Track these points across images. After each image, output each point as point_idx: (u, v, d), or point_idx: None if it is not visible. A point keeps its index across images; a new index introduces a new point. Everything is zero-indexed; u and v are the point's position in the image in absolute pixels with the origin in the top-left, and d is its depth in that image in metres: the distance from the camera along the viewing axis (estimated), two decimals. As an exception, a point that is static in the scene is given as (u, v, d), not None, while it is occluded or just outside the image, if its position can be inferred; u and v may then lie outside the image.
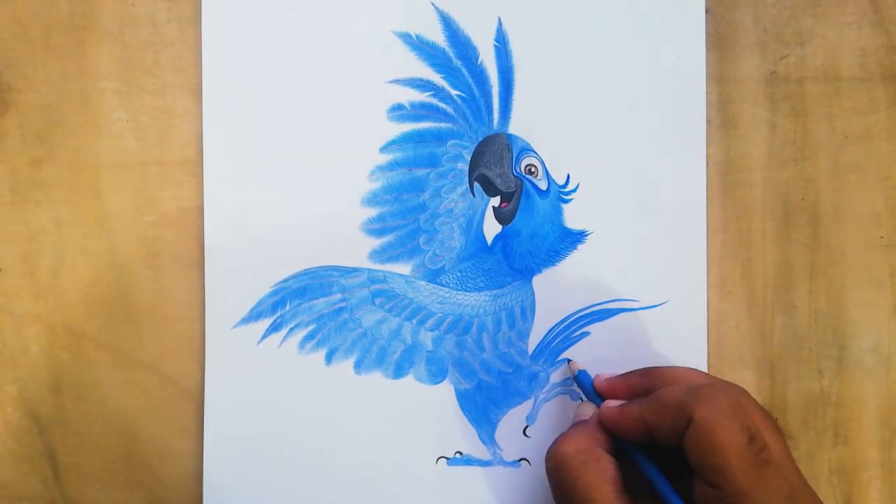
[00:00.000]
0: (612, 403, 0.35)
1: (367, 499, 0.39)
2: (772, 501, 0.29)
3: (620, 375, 0.37)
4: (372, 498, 0.39)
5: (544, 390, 0.39)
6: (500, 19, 0.39)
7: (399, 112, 0.39)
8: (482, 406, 0.39)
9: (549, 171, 0.39)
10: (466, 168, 0.39)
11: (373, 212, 0.39)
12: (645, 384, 0.35)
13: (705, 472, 0.30)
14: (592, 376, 0.37)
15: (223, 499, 0.38)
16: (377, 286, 0.39)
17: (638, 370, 0.36)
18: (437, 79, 0.39)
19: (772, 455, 0.30)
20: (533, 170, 0.39)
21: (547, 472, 0.34)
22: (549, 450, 0.34)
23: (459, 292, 0.39)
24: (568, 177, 0.39)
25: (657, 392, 0.33)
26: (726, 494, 0.30)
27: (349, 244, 0.39)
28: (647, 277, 0.39)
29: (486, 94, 0.39)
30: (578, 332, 0.39)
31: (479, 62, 0.39)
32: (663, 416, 0.32)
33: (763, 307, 0.40)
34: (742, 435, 0.30)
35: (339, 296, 0.39)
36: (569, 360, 0.39)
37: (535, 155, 0.39)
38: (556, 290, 0.39)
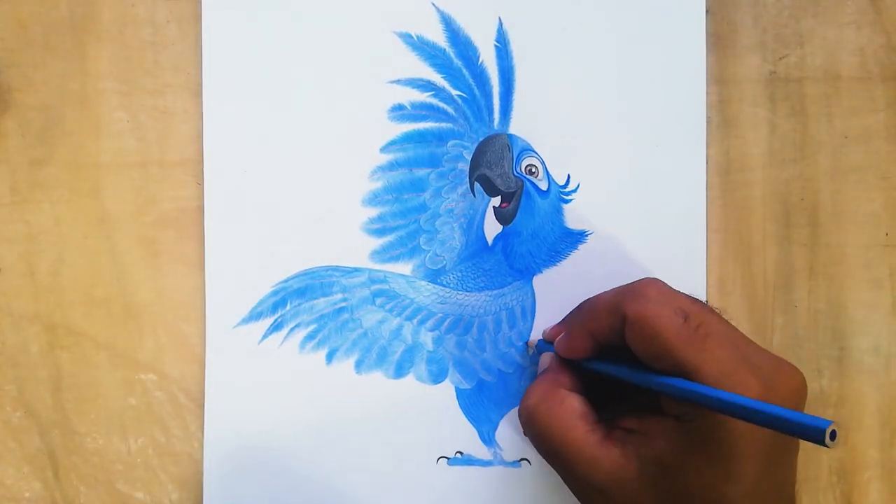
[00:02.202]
0: (560, 336, 0.36)
1: (368, 499, 0.39)
2: (724, 369, 0.29)
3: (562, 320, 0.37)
4: (372, 498, 0.39)
5: (545, 390, 0.39)
6: (500, 19, 0.39)
7: (400, 112, 0.39)
8: (483, 406, 0.39)
9: (549, 171, 0.39)
10: (467, 168, 0.39)
11: (373, 212, 0.39)
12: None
13: (653, 361, 0.31)
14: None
15: (223, 499, 0.38)
16: (378, 286, 0.39)
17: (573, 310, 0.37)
18: (437, 79, 0.39)
19: (711, 328, 0.30)
20: (533, 170, 0.39)
21: (523, 430, 0.35)
22: (518, 409, 0.35)
23: (460, 292, 0.39)
24: (568, 177, 0.39)
25: (590, 300, 0.34)
26: (679, 375, 0.30)
27: (350, 244, 0.39)
28: (647, 277, 0.39)
29: (487, 94, 0.39)
30: (579, 332, 0.39)
31: (479, 62, 0.39)
32: (601, 320, 0.33)
33: (763, 307, 0.40)
34: (676, 316, 0.30)
35: (339, 296, 0.39)
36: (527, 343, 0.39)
37: (535, 155, 0.39)
38: (557, 291, 0.39)
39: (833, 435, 0.24)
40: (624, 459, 0.31)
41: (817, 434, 0.24)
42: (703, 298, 0.39)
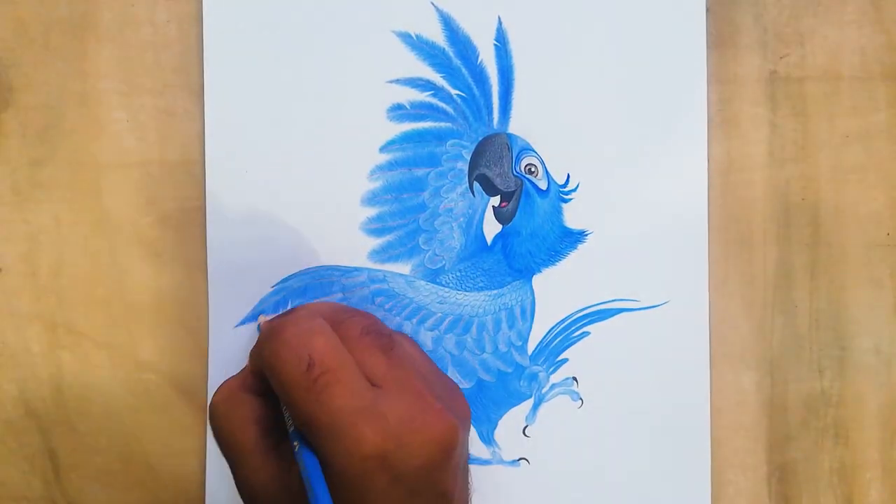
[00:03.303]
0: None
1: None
2: (338, 422, 0.28)
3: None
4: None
5: (544, 390, 0.39)
6: (500, 19, 0.39)
7: (399, 112, 0.39)
8: (482, 405, 0.39)
9: (549, 170, 0.39)
10: (466, 168, 0.39)
11: (372, 211, 0.39)
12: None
13: (287, 407, 0.30)
14: None
15: (225, 499, 0.38)
16: (377, 286, 0.39)
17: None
18: (436, 78, 0.39)
19: (337, 376, 0.29)
20: (533, 169, 0.39)
21: None
22: None
23: (459, 292, 0.39)
24: (568, 176, 0.39)
25: (265, 324, 0.34)
26: (299, 425, 0.29)
27: (349, 244, 0.39)
28: (647, 277, 0.39)
29: (486, 93, 0.39)
30: (578, 332, 0.39)
31: (478, 62, 0.39)
32: (255, 358, 0.32)
33: (763, 307, 0.40)
34: (299, 364, 0.29)
35: (339, 295, 0.39)
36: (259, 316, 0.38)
37: (534, 154, 0.39)
38: (556, 290, 0.39)
39: None
40: (275, 473, 0.31)
41: None
42: (703, 298, 0.39)
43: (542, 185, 0.39)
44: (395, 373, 0.32)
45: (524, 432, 0.39)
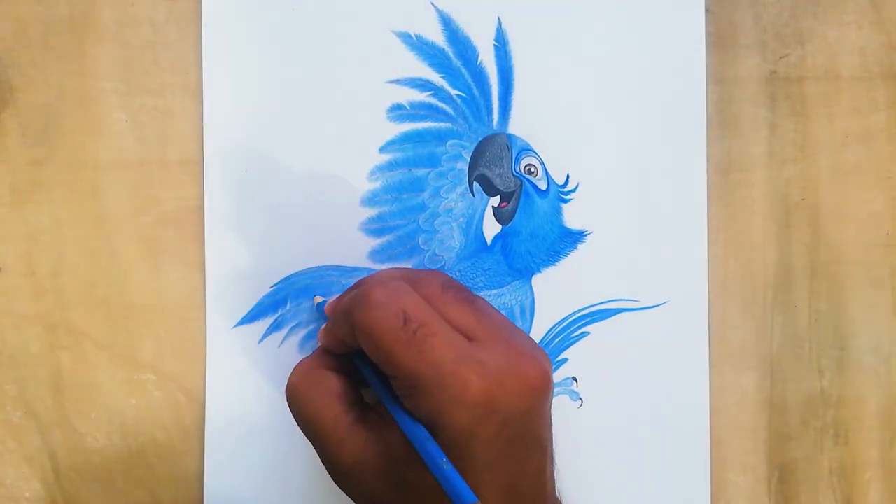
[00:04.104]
0: (323, 326, 0.35)
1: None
2: (442, 370, 0.29)
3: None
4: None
5: (544, 390, 0.39)
6: (499, 19, 0.39)
7: (398, 112, 0.39)
8: (482, 406, 0.39)
9: (548, 170, 0.39)
10: (466, 168, 0.39)
11: (372, 212, 0.39)
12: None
13: (382, 368, 0.30)
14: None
15: (224, 499, 0.38)
16: (377, 286, 0.39)
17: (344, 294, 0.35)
18: (436, 79, 0.39)
19: (434, 328, 0.30)
20: (532, 169, 0.39)
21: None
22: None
23: (459, 292, 0.39)
24: (567, 177, 0.39)
25: (338, 301, 0.34)
26: (400, 381, 0.30)
27: (349, 244, 0.39)
28: (647, 277, 0.39)
29: (486, 94, 0.39)
30: (578, 332, 0.39)
31: (478, 62, 0.39)
32: (340, 326, 0.32)
33: (763, 307, 0.40)
34: (395, 320, 0.29)
35: (339, 295, 0.39)
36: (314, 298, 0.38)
37: (534, 155, 0.39)
38: (556, 290, 0.39)
39: None
40: (366, 444, 0.31)
41: (458, 501, 0.25)
42: (702, 298, 0.39)
43: (542, 185, 0.39)
44: (483, 323, 0.32)
45: (524, 432, 0.39)
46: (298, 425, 0.33)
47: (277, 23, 0.38)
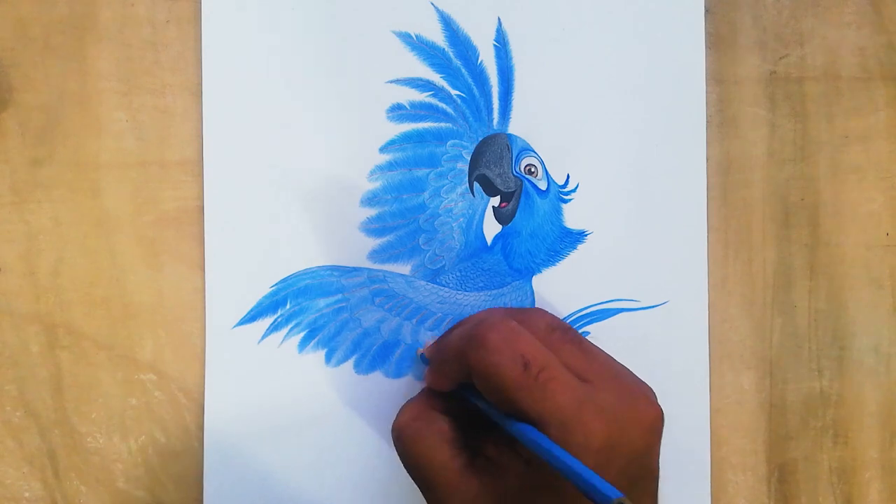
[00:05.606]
0: (427, 367, 0.36)
1: (368, 499, 0.39)
2: (566, 415, 0.29)
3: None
4: (372, 498, 0.39)
5: (544, 390, 0.39)
6: (499, 19, 0.39)
7: (398, 112, 0.39)
8: (482, 406, 0.39)
9: (548, 171, 0.39)
10: (466, 168, 0.39)
11: (372, 212, 0.39)
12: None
13: (501, 407, 0.30)
14: None
15: (224, 499, 0.38)
16: (377, 286, 0.39)
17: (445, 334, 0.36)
18: (436, 79, 0.39)
19: (553, 373, 0.30)
20: (533, 170, 0.39)
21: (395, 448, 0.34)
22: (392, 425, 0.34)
23: (459, 292, 0.39)
24: (568, 177, 0.39)
25: (444, 339, 0.34)
26: (526, 422, 0.30)
27: (349, 244, 0.39)
28: (647, 277, 0.39)
29: (486, 94, 0.39)
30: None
31: (478, 62, 0.39)
32: (451, 367, 0.33)
33: (763, 307, 0.40)
34: (516, 366, 0.30)
35: (339, 295, 0.39)
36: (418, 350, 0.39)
37: (534, 155, 0.39)
38: (556, 290, 0.39)
39: None
40: (480, 491, 0.31)
41: (604, 500, 0.25)
42: (702, 298, 0.39)
43: (542, 185, 0.39)
44: (594, 365, 0.32)
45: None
46: (405, 465, 0.33)
47: (277, 23, 0.38)
